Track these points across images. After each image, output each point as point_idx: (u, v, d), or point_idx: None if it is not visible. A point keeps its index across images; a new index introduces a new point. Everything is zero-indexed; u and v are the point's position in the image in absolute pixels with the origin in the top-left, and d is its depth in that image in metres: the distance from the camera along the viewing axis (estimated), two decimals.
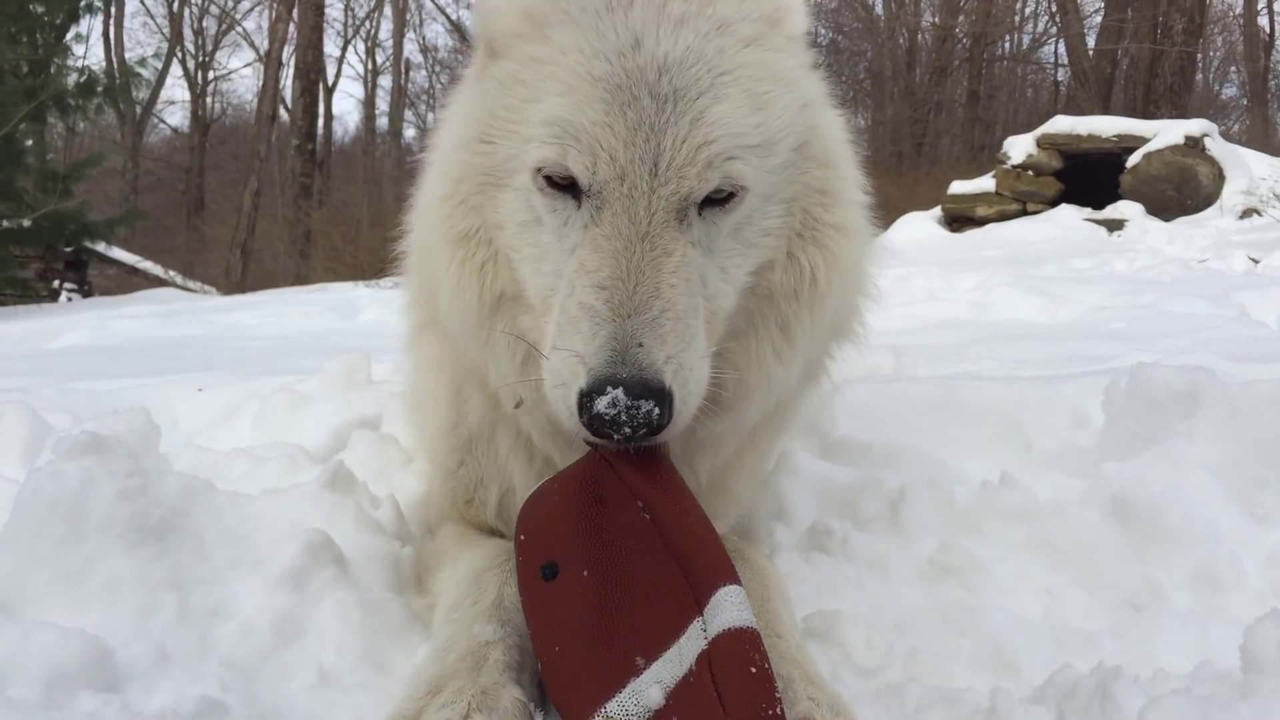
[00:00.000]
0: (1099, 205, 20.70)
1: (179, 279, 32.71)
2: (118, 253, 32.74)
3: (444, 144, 2.40)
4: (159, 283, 30.23)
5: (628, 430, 1.81)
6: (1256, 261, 12.87)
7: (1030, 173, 22.20)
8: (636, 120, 1.96)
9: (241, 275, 33.39)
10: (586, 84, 1.99)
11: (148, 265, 33.75)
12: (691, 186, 1.98)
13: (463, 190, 2.25)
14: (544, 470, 2.44)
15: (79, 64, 29.14)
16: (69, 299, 26.56)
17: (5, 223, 23.85)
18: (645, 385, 1.80)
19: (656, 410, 1.80)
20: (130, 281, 30.79)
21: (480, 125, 2.20)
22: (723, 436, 2.42)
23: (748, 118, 2.03)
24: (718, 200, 2.04)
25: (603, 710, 1.71)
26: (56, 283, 27.80)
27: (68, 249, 27.80)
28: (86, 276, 29.42)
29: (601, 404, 1.80)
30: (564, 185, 2.03)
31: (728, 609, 1.74)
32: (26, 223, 24.16)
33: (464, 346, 2.39)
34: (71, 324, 13.03)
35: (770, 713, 1.62)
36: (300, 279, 28.53)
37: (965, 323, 8.12)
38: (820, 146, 2.25)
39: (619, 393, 1.79)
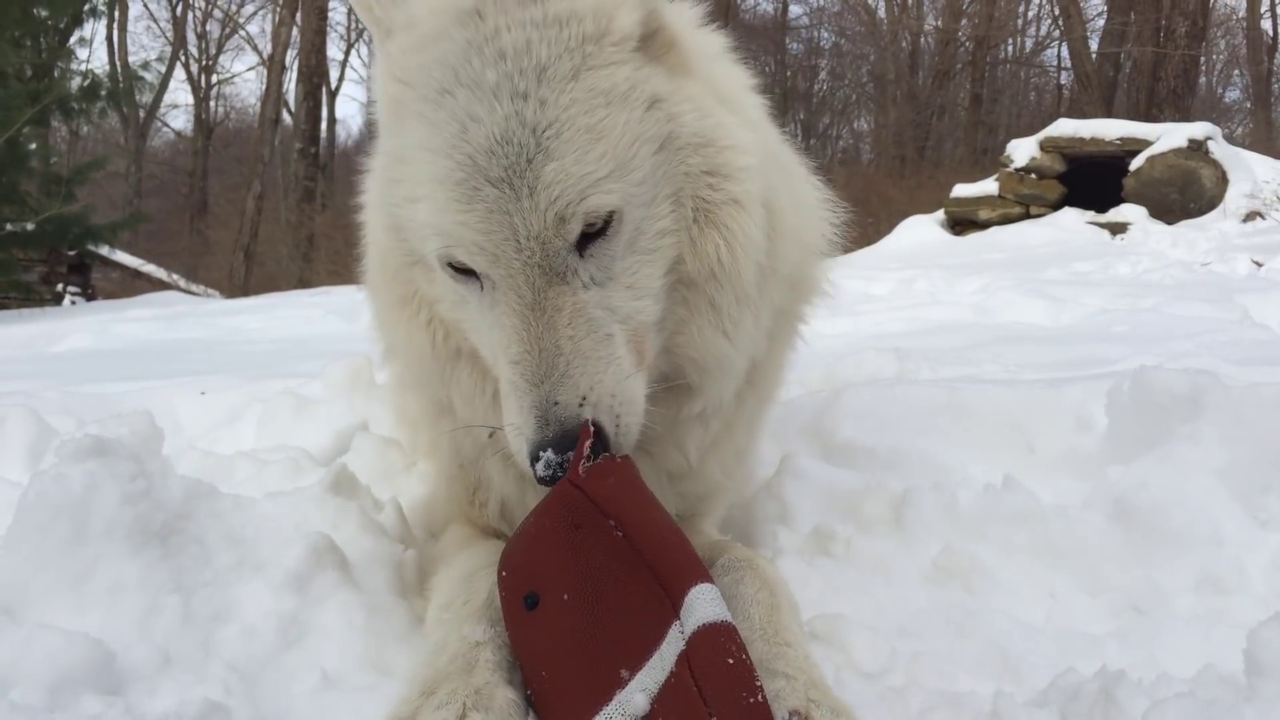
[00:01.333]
0: (1102, 208, 20.68)
1: (182, 282, 32.78)
2: (121, 256, 32.78)
3: (369, 218, 2.54)
4: (162, 286, 30.29)
5: (573, 473, 1.97)
6: (1260, 264, 12.86)
7: (1033, 176, 22.19)
8: (485, 211, 2.00)
9: (245, 278, 33.43)
10: (436, 186, 2.04)
11: (151, 269, 33.80)
12: (556, 246, 2.02)
13: (391, 266, 2.39)
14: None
15: (83, 68, 29.34)
16: (72, 302, 26.59)
17: (9, 226, 23.87)
18: (567, 434, 1.98)
19: (579, 444, 1.97)
20: (133, 285, 30.84)
21: (388, 215, 2.26)
22: (706, 414, 2.50)
23: (586, 156, 2.01)
24: (594, 234, 2.05)
25: None
26: (60, 286, 27.85)
27: (71, 252, 27.86)
28: (90, 280, 29.48)
29: (539, 469, 1.99)
30: (466, 270, 2.11)
31: (701, 606, 1.75)
32: (30, 226, 24.19)
33: (429, 391, 2.54)
34: (75, 327, 13.06)
35: (751, 701, 1.63)
36: (303, 282, 28.56)
37: (968, 326, 8.11)
38: (689, 131, 2.19)
39: (549, 454, 1.98)
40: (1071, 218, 20.68)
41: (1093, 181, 21.29)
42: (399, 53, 2.14)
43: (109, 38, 51.02)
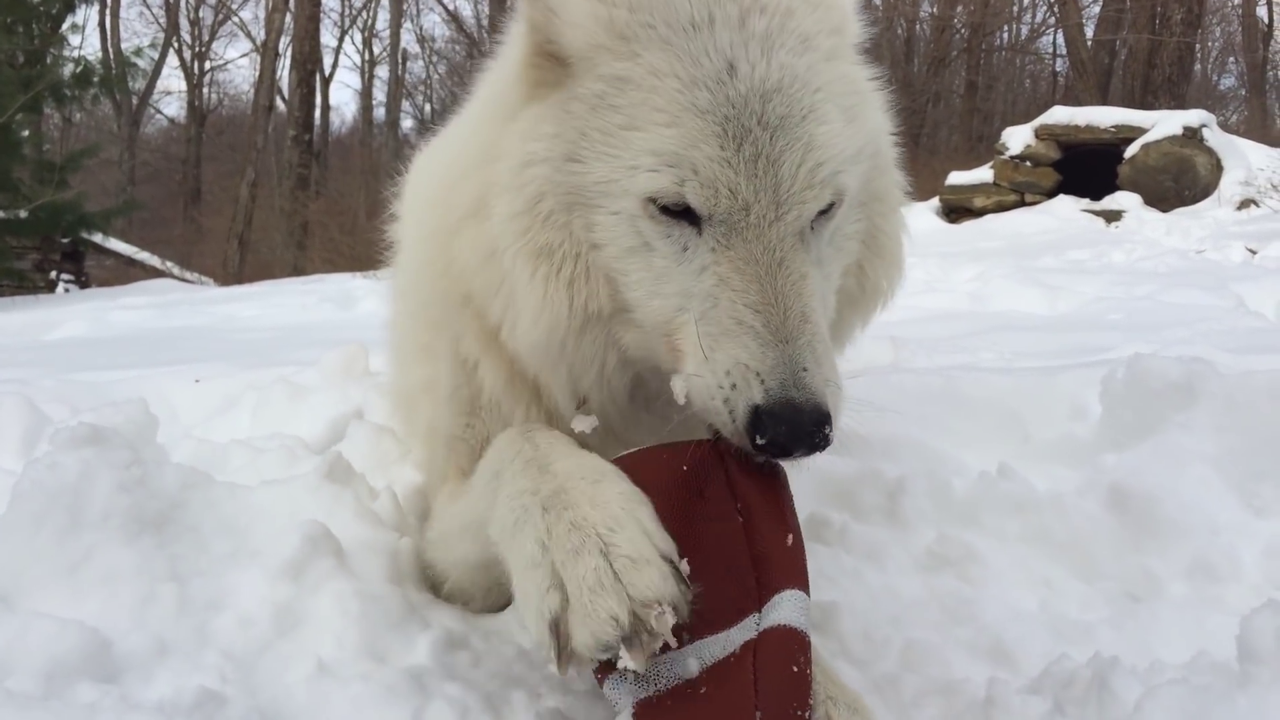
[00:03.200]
0: (1097, 196, 20.68)
1: (176, 270, 32.65)
2: (115, 244, 32.69)
3: (516, 164, 2.22)
4: (156, 274, 30.19)
5: (800, 453, 1.85)
6: (1254, 252, 12.86)
7: (1028, 164, 22.18)
8: (753, 154, 1.93)
9: (239, 266, 33.34)
10: (693, 116, 1.93)
11: (145, 256, 33.70)
12: (813, 210, 1.98)
13: (544, 207, 2.13)
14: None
15: (75, 54, 29.15)
16: (66, 290, 26.52)
17: (2, 214, 23.82)
18: (819, 411, 1.83)
19: (827, 433, 1.84)
20: (127, 272, 30.74)
21: (568, 144, 2.09)
22: None
23: (844, 132, 2.03)
24: (823, 213, 2.04)
25: (629, 670, 1.66)
26: (54, 274, 27.77)
27: (65, 240, 27.79)
28: (84, 267, 29.39)
29: (781, 429, 1.81)
30: (677, 212, 1.98)
31: (785, 608, 1.75)
32: (23, 214, 24.14)
33: (538, 363, 2.26)
34: (69, 315, 13.03)
35: (800, 715, 1.63)
36: (297, 270, 28.49)
37: (963, 314, 8.12)
38: (883, 152, 2.29)
39: (800, 419, 1.82)
40: (1066, 205, 20.67)
41: (1088, 169, 21.29)
42: None
43: (101, 24, 50.79)
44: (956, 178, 23.06)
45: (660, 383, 2.08)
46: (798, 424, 1.81)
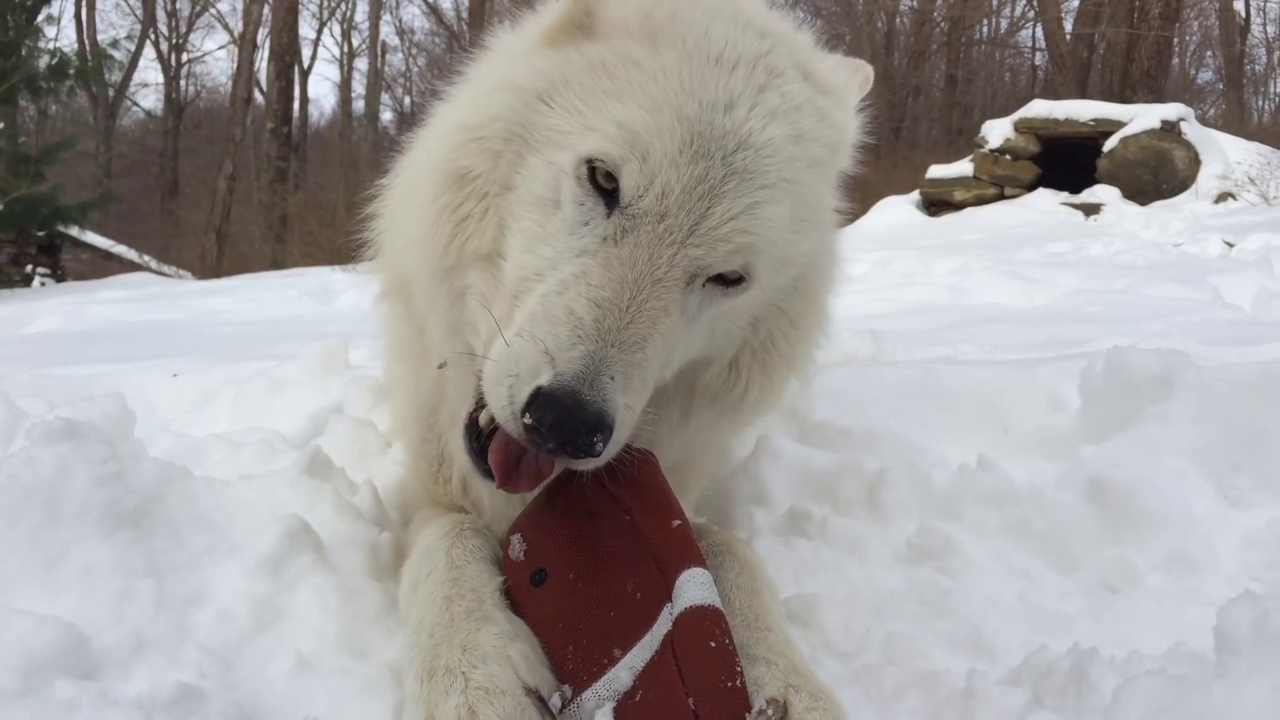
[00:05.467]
0: (1076, 189, 20.82)
1: (153, 263, 32.47)
2: (91, 237, 32.47)
3: (484, 78, 2.33)
4: (133, 267, 30.01)
5: (564, 448, 1.78)
6: (1231, 245, 12.95)
7: (1008, 157, 22.30)
8: (702, 174, 1.95)
9: (217, 260, 33.19)
10: (673, 115, 1.96)
11: (122, 250, 33.49)
12: (715, 260, 1.97)
13: (492, 128, 2.15)
14: None
15: (50, 46, 28.91)
16: (42, 284, 26.33)
17: None
18: (603, 420, 1.77)
19: (598, 442, 1.77)
20: (104, 266, 30.53)
21: (545, 82, 2.12)
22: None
23: (785, 231, 2.05)
24: (727, 280, 2.04)
25: (579, 698, 1.78)
26: (29, 267, 27.54)
27: (40, 233, 27.56)
28: (60, 261, 29.18)
29: (551, 413, 1.75)
30: (602, 189, 1.99)
31: (690, 589, 1.78)
32: None
33: (419, 292, 2.32)
34: (45, 309, 12.93)
35: (729, 685, 1.65)
36: (276, 264, 28.37)
37: (943, 307, 8.14)
38: (813, 281, 2.30)
39: (577, 413, 1.75)
40: (1045, 199, 20.81)
41: (1067, 163, 21.42)
42: None
43: (77, 15, 50.46)
44: (936, 171, 23.17)
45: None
46: (572, 416, 1.75)
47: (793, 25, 2.36)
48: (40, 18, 28.71)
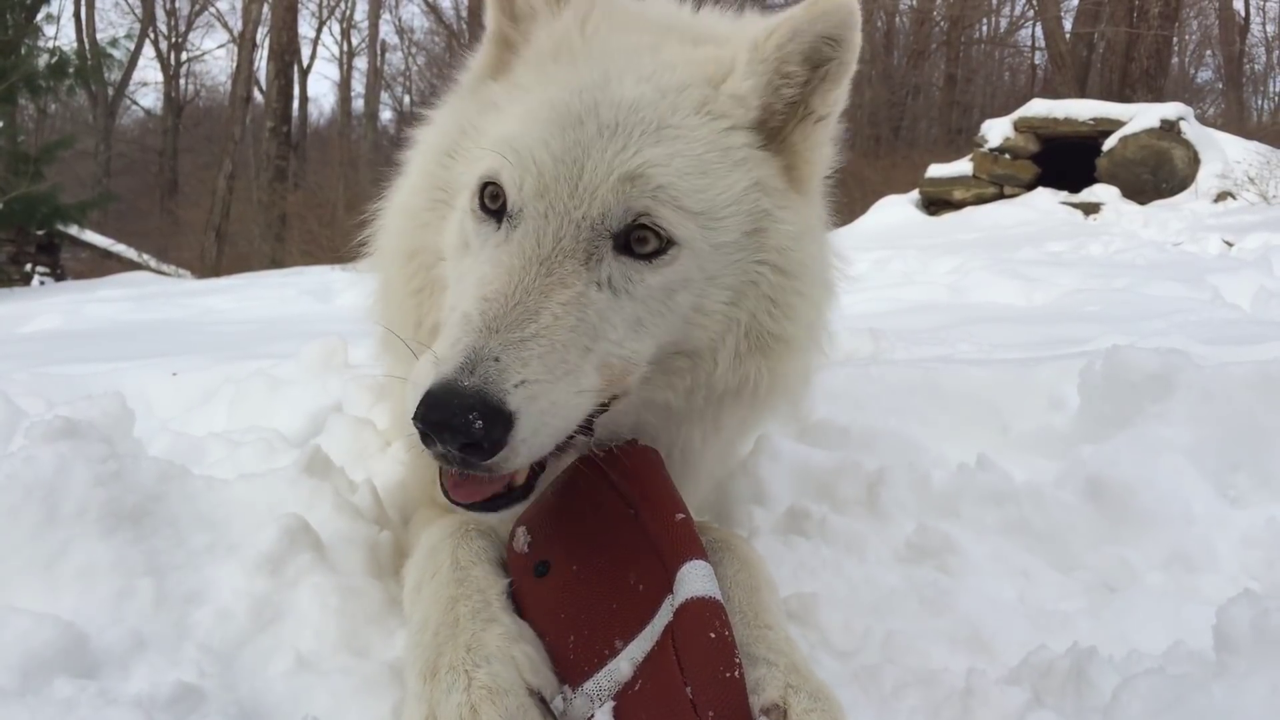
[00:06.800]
0: (1075, 189, 20.82)
1: (153, 262, 32.45)
2: (90, 236, 32.46)
3: (418, 152, 2.44)
4: (132, 266, 30.00)
5: (449, 439, 1.74)
6: (1231, 244, 12.96)
7: (1007, 156, 22.29)
8: (573, 141, 1.98)
9: (216, 259, 33.15)
10: (545, 109, 2.03)
11: (121, 249, 33.47)
12: (605, 206, 1.96)
13: (417, 202, 2.29)
14: None
15: (50, 45, 28.92)
16: (41, 283, 26.34)
17: None
18: (482, 400, 1.73)
19: (480, 425, 1.71)
20: (103, 265, 30.51)
21: (449, 139, 2.23)
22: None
23: (686, 175, 2.02)
24: (641, 255, 2.01)
25: (580, 689, 1.78)
26: (28, 266, 27.56)
27: (40, 232, 27.57)
28: (59, 260, 29.19)
29: (433, 413, 1.73)
30: (494, 211, 2.04)
31: (691, 581, 1.79)
32: None
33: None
34: (44, 308, 12.92)
35: (728, 676, 1.66)
36: (275, 262, 28.35)
37: (942, 306, 8.14)
38: (776, 244, 2.18)
39: (452, 402, 1.72)
40: (1045, 198, 20.80)
41: (1066, 162, 21.42)
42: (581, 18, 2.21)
43: (77, 14, 50.40)
44: (936, 170, 23.17)
45: None
46: (444, 405, 1.72)
47: (717, 15, 2.42)
48: (40, 16, 28.75)
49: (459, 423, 1.72)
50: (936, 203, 22.75)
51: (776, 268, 2.19)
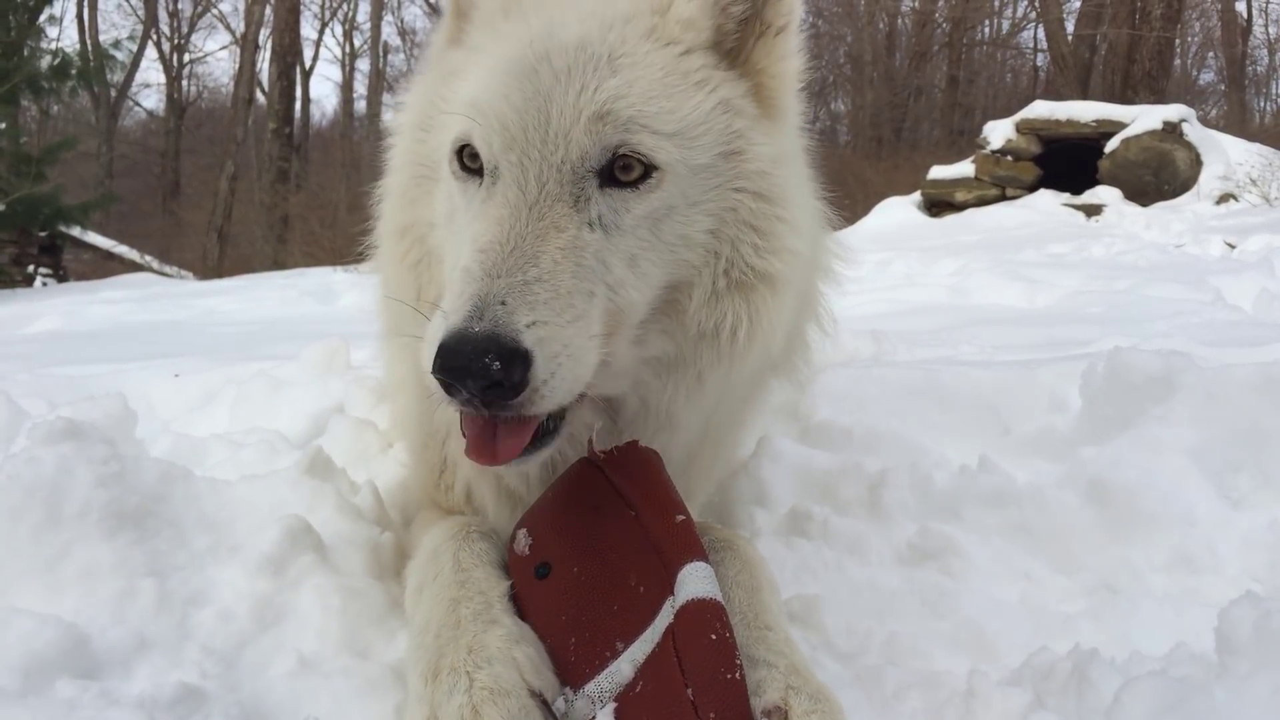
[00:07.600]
0: (1077, 190, 20.80)
1: (155, 264, 32.49)
2: (93, 237, 32.49)
3: (398, 136, 2.46)
4: (135, 267, 30.04)
5: (470, 384, 1.74)
6: (1233, 246, 12.93)
7: (1009, 158, 22.27)
8: (533, 90, 2.00)
9: (218, 260, 33.20)
10: (502, 64, 2.06)
11: (123, 250, 33.51)
12: (583, 149, 1.98)
13: (403, 182, 2.33)
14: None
15: (52, 46, 28.99)
16: (44, 284, 26.35)
17: None
18: (495, 341, 1.74)
19: (497, 366, 1.72)
20: (106, 266, 30.55)
21: (422, 114, 2.26)
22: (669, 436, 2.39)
23: (651, 99, 2.03)
24: (627, 182, 2.02)
25: (581, 691, 1.78)
26: (31, 267, 27.58)
27: (42, 233, 27.60)
28: (61, 261, 29.20)
29: (449, 359, 1.74)
30: (474, 169, 2.07)
31: (691, 583, 1.79)
32: (0, 207, 23.93)
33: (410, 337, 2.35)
34: (46, 309, 12.94)
35: (729, 677, 1.66)
36: (278, 264, 28.37)
37: (944, 307, 8.14)
38: (753, 168, 2.16)
39: (465, 346, 1.73)
40: (1047, 200, 20.79)
41: (1068, 163, 21.40)
42: None
43: (79, 15, 50.39)
44: (938, 172, 23.16)
45: None
46: (459, 350, 1.74)
47: None
48: (42, 18, 28.74)
49: (476, 367, 1.73)
50: (938, 204, 22.74)
51: (755, 193, 2.17)
